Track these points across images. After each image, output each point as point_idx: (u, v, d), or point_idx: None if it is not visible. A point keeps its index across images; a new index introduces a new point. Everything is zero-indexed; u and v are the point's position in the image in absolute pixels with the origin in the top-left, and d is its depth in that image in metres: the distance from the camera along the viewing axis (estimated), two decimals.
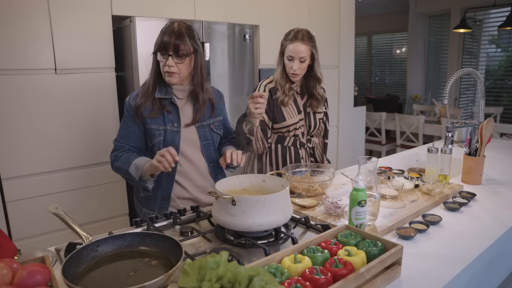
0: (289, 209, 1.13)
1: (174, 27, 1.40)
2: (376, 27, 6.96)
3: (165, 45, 1.39)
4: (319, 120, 1.90)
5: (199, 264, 0.73)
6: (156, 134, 1.47)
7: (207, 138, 1.57)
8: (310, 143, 1.90)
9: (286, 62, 1.75)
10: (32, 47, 2.02)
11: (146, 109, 1.46)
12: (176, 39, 1.38)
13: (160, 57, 1.42)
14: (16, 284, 0.78)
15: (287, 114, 1.80)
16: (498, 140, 2.76)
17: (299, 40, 1.70)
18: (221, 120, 1.63)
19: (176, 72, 1.42)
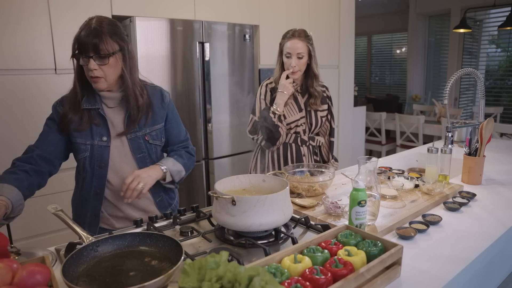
0: (289, 209, 1.13)
1: (92, 23, 1.21)
2: (376, 27, 6.96)
3: (83, 46, 1.20)
4: (321, 118, 1.91)
5: (199, 264, 0.73)
6: (82, 149, 1.32)
7: (142, 151, 1.38)
8: (313, 141, 1.91)
9: (285, 60, 1.79)
10: (32, 47, 2.02)
11: (74, 122, 1.30)
12: (94, 37, 1.19)
13: (81, 61, 1.22)
14: (16, 284, 0.78)
15: (287, 112, 1.82)
16: (498, 140, 2.76)
17: (296, 37, 1.76)
18: (160, 128, 1.42)
19: (101, 76, 1.24)
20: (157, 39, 2.33)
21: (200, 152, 2.68)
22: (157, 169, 1.35)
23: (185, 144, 1.54)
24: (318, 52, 3.46)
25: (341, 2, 3.56)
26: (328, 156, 1.99)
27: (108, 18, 1.27)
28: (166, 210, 1.45)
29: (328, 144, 1.99)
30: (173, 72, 2.45)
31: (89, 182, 1.36)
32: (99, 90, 1.29)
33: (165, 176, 1.39)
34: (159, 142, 1.43)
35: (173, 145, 1.50)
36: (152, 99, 1.40)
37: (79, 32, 1.22)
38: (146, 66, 2.30)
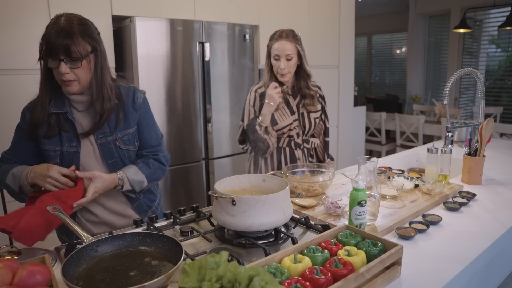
0: (289, 209, 1.13)
1: (61, 22, 1.14)
2: (376, 27, 6.96)
3: (52, 48, 1.12)
4: (315, 119, 1.87)
5: (199, 264, 0.73)
6: (52, 155, 1.27)
7: (113, 156, 1.31)
8: (308, 143, 1.87)
9: (273, 62, 1.74)
10: (32, 47, 2.02)
11: (41, 128, 1.25)
12: (65, 38, 1.12)
13: (50, 63, 1.15)
14: (16, 284, 0.78)
15: (278, 117, 1.78)
16: (498, 140, 2.76)
17: (284, 38, 1.71)
18: (133, 132, 1.34)
19: (73, 79, 1.18)
20: (157, 39, 2.33)
21: (200, 152, 2.68)
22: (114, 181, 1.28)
23: (156, 150, 1.41)
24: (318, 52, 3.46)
25: (341, 2, 3.56)
26: (323, 156, 1.96)
27: (78, 16, 1.21)
28: (146, 214, 1.42)
29: (323, 144, 1.96)
30: (173, 72, 2.45)
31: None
32: (71, 94, 1.23)
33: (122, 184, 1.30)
34: (132, 147, 1.35)
35: (142, 150, 1.39)
36: (125, 100, 1.32)
37: (46, 31, 1.13)
38: (146, 66, 2.30)
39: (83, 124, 1.29)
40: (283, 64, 1.71)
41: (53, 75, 1.20)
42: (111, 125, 1.30)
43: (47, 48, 1.13)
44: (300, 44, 1.76)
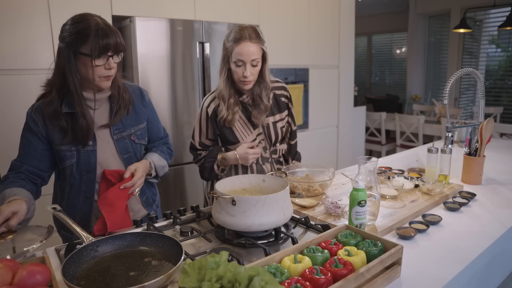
0: (289, 209, 1.13)
1: (99, 23, 1.19)
2: (376, 27, 6.96)
3: (107, 47, 1.17)
4: (281, 128, 1.62)
5: (199, 264, 0.73)
6: (68, 156, 1.27)
7: (129, 151, 1.36)
8: (275, 153, 1.66)
9: (235, 69, 1.45)
10: (32, 47, 2.02)
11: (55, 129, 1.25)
12: (113, 36, 1.18)
13: (98, 61, 1.18)
14: (16, 284, 0.78)
15: (239, 133, 1.54)
16: (498, 140, 2.76)
17: (247, 39, 1.41)
18: (144, 127, 1.42)
19: (113, 74, 1.24)
20: (157, 39, 2.33)
21: None
22: (147, 165, 1.37)
23: (165, 140, 1.55)
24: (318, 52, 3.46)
25: (341, 2, 3.56)
26: (288, 161, 1.74)
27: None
28: (151, 208, 1.47)
29: (288, 147, 1.73)
30: (173, 72, 2.45)
31: (77, 187, 1.32)
32: (103, 89, 1.27)
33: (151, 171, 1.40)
34: (144, 142, 1.43)
35: (153, 142, 1.50)
36: (133, 97, 1.38)
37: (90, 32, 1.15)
38: (146, 66, 2.30)
39: (98, 122, 1.31)
40: (249, 71, 1.43)
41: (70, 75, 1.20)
42: (124, 121, 1.35)
43: (99, 47, 1.16)
44: (264, 44, 1.48)
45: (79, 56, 1.18)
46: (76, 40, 1.16)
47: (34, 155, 1.27)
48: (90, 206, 1.34)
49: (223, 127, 1.54)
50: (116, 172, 1.30)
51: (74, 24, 1.19)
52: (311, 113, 3.47)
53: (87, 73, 1.20)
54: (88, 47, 1.16)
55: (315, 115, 3.53)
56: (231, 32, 1.46)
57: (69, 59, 1.18)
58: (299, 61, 3.26)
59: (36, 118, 1.25)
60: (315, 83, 3.44)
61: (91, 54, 1.16)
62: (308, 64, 3.34)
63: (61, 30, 1.22)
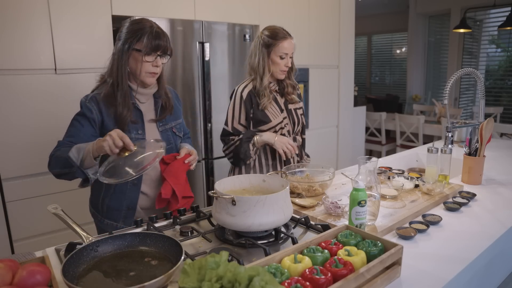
0: (289, 209, 1.13)
1: (153, 25, 1.36)
2: (376, 27, 6.96)
3: (158, 47, 1.34)
4: (301, 115, 1.90)
5: (199, 264, 0.73)
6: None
7: (171, 142, 1.51)
8: (295, 141, 1.88)
9: (278, 61, 1.73)
10: (32, 47, 2.02)
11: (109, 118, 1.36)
12: (163, 39, 1.35)
13: (147, 58, 1.34)
14: (16, 284, 0.78)
15: (271, 114, 1.77)
16: (498, 140, 2.76)
17: (290, 37, 1.74)
18: (181, 122, 1.60)
19: (158, 72, 1.40)
20: None
21: (200, 152, 2.68)
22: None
23: (188, 135, 1.73)
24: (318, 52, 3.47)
25: (341, 2, 3.56)
26: (301, 154, 1.94)
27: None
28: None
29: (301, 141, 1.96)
30: (173, 72, 2.45)
31: None
32: (149, 85, 1.41)
33: None
34: (181, 134, 1.59)
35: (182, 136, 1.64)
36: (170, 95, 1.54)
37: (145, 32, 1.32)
38: None
39: (146, 114, 1.45)
40: (289, 62, 1.76)
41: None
42: (168, 115, 1.52)
43: (150, 46, 1.32)
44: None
45: (132, 52, 1.34)
46: (131, 37, 1.33)
47: (82, 138, 1.34)
48: (137, 193, 1.43)
49: (257, 110, 1.76)
50: (172, 156, 1.48)
51: (133, 24, 1.36)
52: (311, 113, 3.47)
53: (136, 68, 1.36)
54: (141, 44, 1.32)
55: (315, 115, 3.53)
56: (267, 32, 1.74)
57: (123, 54, 1.34)
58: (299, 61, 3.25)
59: (91, 106, 1.36)
60: (315, 83, 3.44)
61: (142, 50, 1.32)
62: (308, 64, 3.34)
63: (119, 30, 1.38)
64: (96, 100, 1.36)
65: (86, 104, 1.36)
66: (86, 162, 1.26)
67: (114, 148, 1.19)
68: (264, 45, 1.74)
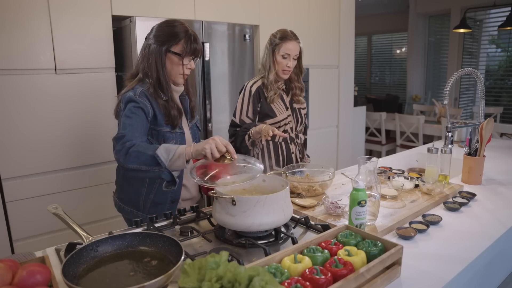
0: (289, 209, 1.13)
1: (189, 29, 1.41)
2: (376, 27, 6.96)
3: (196, 51, 1.41)
4: (304, 115, 1.99)
5: (199, 264, 0.73)
6: (170, 137, 1.43)
7: (196, 137, 1.60)
8: (298, 139, 1.97)
9: (280, 60, 1.82)
10: (32, 47, 2.02)
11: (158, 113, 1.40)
12: (199, 43, 1.42)
13: (185, 60, 1.40)
14: (16, 284, 0.78)
15: (276, 110, 1.87)
16: (498, 140, 2.76)
17: (294, 39, 1.82)
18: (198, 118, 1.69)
19: (188, 74, 1.47)
20: None
21: None
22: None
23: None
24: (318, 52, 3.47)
25: (341, 2, 3.55)
26: (303, 153, 2.02)
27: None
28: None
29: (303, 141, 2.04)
30: None
31: None
32: (179, 84, 1.47)
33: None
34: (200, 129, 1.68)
35: None
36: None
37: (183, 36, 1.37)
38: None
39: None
40: (291, 63, 1.82)
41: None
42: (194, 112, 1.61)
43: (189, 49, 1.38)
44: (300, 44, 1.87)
45: (168, 54, 1.39)
46: (169, 40, 1.37)
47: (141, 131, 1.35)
48: (180, 186, 1.48)
49: (265, 104, 1.85)
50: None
51: (169, 26, 1.40)
52: (311, 113, 3.47)
53: (171, 69, 1.41)
54: (179, 47, 1.38)
55: (315, 115, 3.53)
56: (277, 33, 1.84)
57: (161, 55, 1.38)
58: None
59: (144, 100, 1.37)
60: (315, 83, 3.44)
61: (181, 54, 1.38)
62: (308, 64, 3.34)
63: (152, 30, 1.42)
64: (146, 96, 1.38)
65: (138, 99, 1.36)
66: (176, 164, 1.24)
67: (216, 152, 1.20)
68: (271, 44, 1.84)
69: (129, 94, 1.38)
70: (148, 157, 1.23)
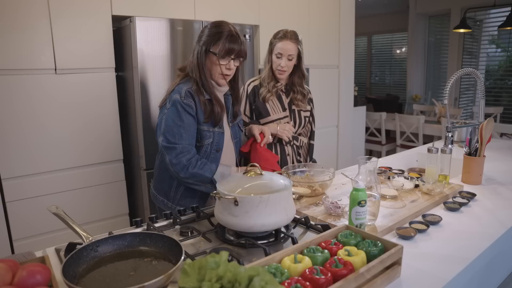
0: (292, 209, 1.13)
1: (231, 29, 1.42)
2: (376, 27, 6.96)
3: (232, 51, 1.41)
4: (305, 118, 1.94)
5: (199, 264, 0.73)
6: (207, 135, 1.47)
7: (237, 136, 1.61)
8: (297, 141, 1.93)
9: (274, 60, 1.83)
10: (32, 47, 2.02)
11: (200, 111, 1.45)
12: (241, 44, 1.42)
13: (222, 60, 1.41)
14: (16, 284, 0.78)
15: (271, 109, 1.86)
16: (498, 140, 2.76)
17: (288, 39, 1.80)
18: (242, 119, 1.71)
19: (230, 74, 1.47)
20: (157, 39, 2.33)
21: None
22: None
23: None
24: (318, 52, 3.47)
25: (341, 2, 3.55)
26: (306, 159, 2.00)
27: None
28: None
29: (307, 146, 2.01)
30: (173, 72, 2.45)
31: None
32: (222, 85, 1.49)
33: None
34: (243, 128, 1.69)
35: None
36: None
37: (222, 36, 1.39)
38: (146, 66, 2.30)
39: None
40: (284, 62, 1.80)
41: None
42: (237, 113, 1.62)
43: (225, 50, 1.39)
44: (301, 46, 1.85)
45: (209, 54, 1.42)
46: (210, 41, 1.41)
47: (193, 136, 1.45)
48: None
49: (259, 102, 1.86)
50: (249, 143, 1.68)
51: (213, 28, 1.43)
52: None
53: (211, 69, 1.44)
54: (217, 47, 1.40)
55: (315, 115, 3.52)
56: (279, 32, 1.83)
57: (201, 55, 1.42)
58: None
59: (189, 103, 1.42)
60: (315, 83, 3.43)
61: (217, 53, 1.40)
62: (308, 64, 3.33)
63: (202, 30, 1.46)
64: (191, 95, 1.43)
65: (184, 102, 1.42)
66: None
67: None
68: (270, 43, 1.87)
69: (175, 96, 1.43)
70: (205, 178, 1.42)
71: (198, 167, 1.41)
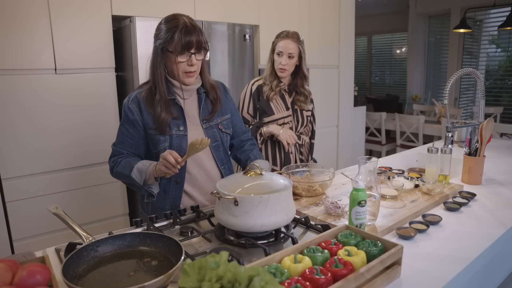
0: (292, 209, 1.13)
1: (186, 21, 1.29)
2: (376, 27, 6.96)
3: (188, 44, 1.27)
4: (307, 117, 2.00)
5: (199, 264, 0.73)
6: (161, 140, 1.36)
7: (216, 139, 1.46)
8: (299, 139, 1.98)
9: (276, 58, 1.88)
10: (32, 47, 2.02)
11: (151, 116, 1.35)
12: (196, 34, 1.28)
13: (180, 58, 1.29)
14: (16, 284, 0.78)
15: (275, 108, 1.91)
16: (498, 140, 2.76)
17: (289, 38, 1.86)
18: (228, 119, 1.52)
19: (196, 70, 1.34)
20: None
21: None
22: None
23: (249, 134, 1.67)
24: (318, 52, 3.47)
25: (341, 2, 3.55)
26: (307, 158, 2.05)
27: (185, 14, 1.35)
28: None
29: (309, 145, 2.06)
30: None
31: None
32: (189, 84, 1.37)
33: None
34: (229, 131, 1.52)
35: (238, 136, 1.61)
36: (218, 90, 1.49)
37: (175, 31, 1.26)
38: (146, 66, 2.29)
39: (188, 110, 1.42)
40: (285, 60, 1.84)
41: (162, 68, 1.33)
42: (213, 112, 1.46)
43: (181, 45, 1.26)
44: (302, 46, 1.89)
45: (166, 53, 1.30)
46: (164, 38, 1.28)
47: (130, 143, 1.39)
48: (180, 192, 1.41)
49: (263, 101, 1.90)
50: None
51: (165, 23, 1.31)
52: None
53: (173, 69, 1.33)
54: (173, 44, 1.27)
55: (315, 115, 3.53)
56: (281, 32, 1.89)
57: (158, 55, 1.31)
58: None
59: (132, 108, 1.36)
60: (315, 83, 3.43)
61: (174, 51, 1.27)
62: (308, 64, 3.31)
63: (156, 29, 1.34)
64: (137, 100, 1.36)
65: (128, 106, 1.37)
66: (149, 182, 1.32)
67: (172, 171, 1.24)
68: (272, 43, 1.92)
69: (125, 101, 1.39)
70: (126, 177, 1.33)
71: (121, 166, 1.35)
